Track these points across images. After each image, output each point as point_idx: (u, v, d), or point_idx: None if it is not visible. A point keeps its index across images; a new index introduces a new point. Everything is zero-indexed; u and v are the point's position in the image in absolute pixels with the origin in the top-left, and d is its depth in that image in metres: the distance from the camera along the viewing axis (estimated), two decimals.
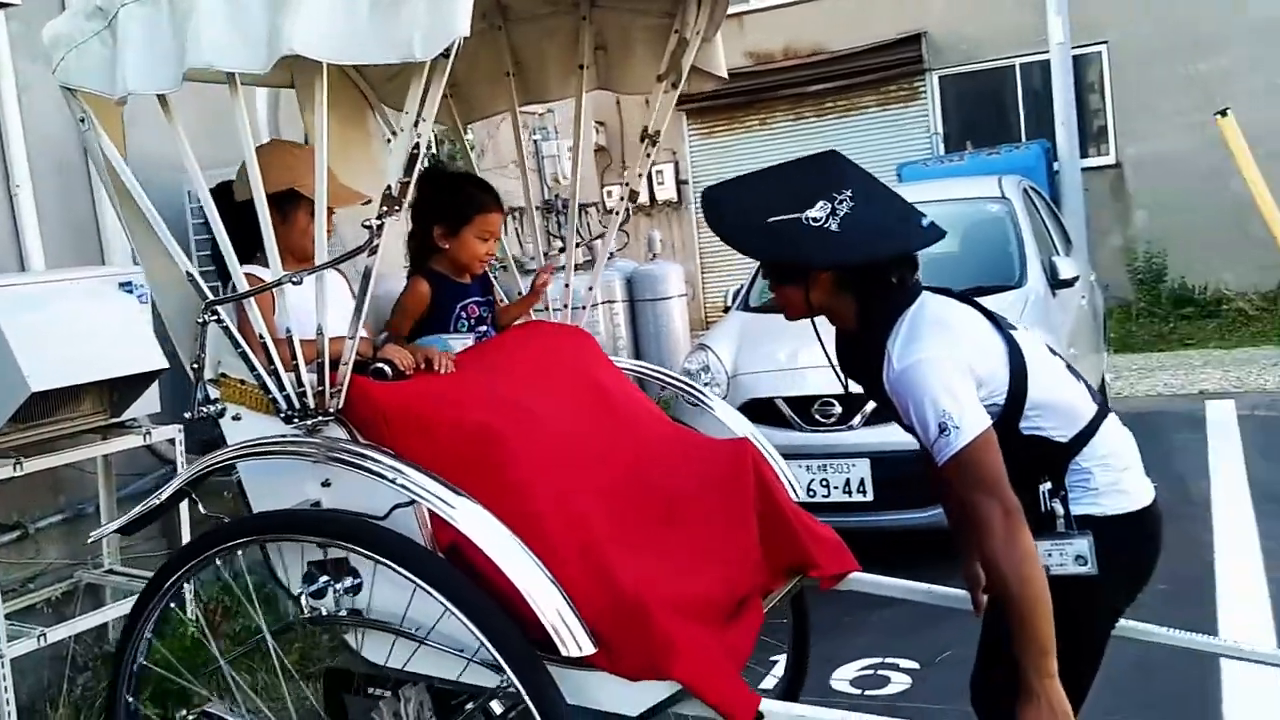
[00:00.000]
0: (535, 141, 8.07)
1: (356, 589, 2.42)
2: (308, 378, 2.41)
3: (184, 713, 2.76)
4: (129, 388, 4.23)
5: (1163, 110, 12.27)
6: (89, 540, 2.97)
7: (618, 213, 3.38)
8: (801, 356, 5.10)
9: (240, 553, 2.74)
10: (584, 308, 3.37)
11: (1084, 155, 11.84)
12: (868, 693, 3.82)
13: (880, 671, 3.97)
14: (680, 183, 14.21)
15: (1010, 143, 12.48)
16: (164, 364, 4.20)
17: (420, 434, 2.41)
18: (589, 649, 2.19)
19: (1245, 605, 4.22)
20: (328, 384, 2.39)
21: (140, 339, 4.19)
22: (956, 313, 2.29)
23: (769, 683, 3.43)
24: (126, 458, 4.72)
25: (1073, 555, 2.19)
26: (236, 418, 2.58)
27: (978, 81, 13.38)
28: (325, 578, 2.41)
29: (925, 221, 2.32)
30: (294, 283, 2.39)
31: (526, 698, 2.18)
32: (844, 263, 2.26)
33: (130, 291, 4.29)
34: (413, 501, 2.31)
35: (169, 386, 4.56)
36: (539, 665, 2.21)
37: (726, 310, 7.00)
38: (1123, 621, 2.38)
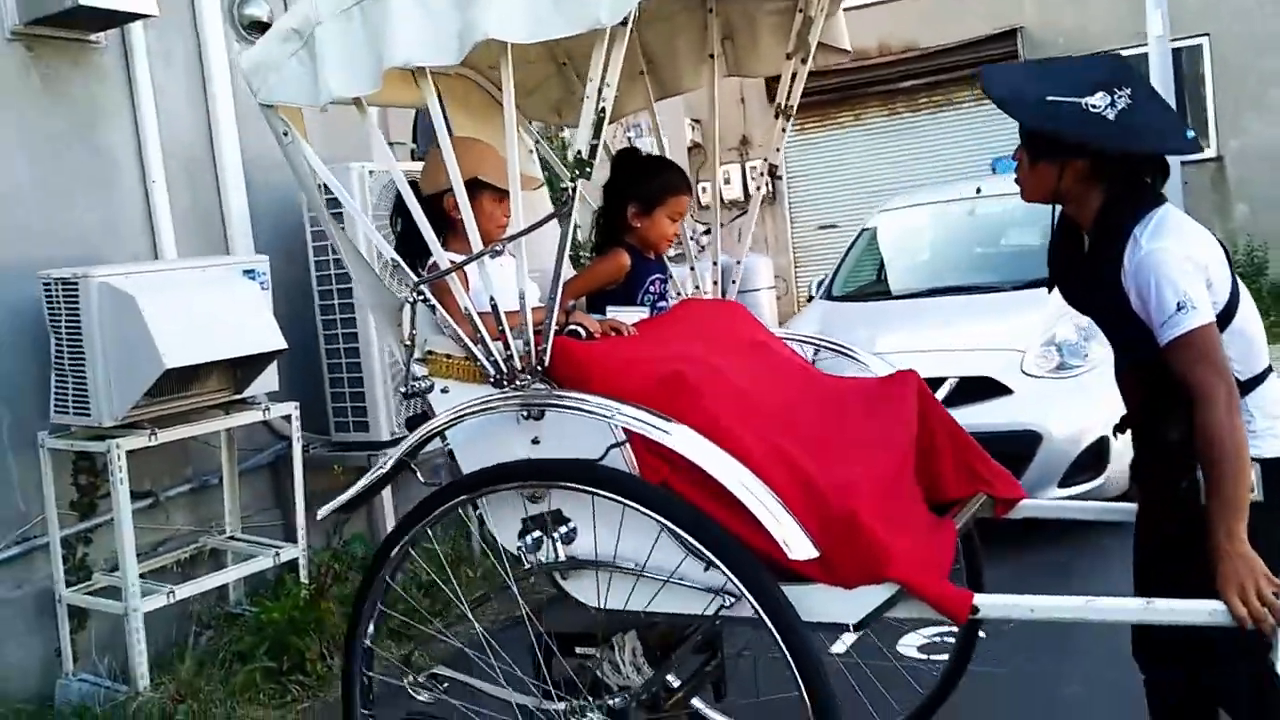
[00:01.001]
0: (629, 139, 8.35)
1: (572, 536, 2.58)
2: (515, 343, 2.62)
3: (412, 677, 2.91)
4: (251, 367, 4.59)
5: (1266, 103, 12.05)
6: (319, 517, 3.19)
7: (760, 187, 3.53)
8: (879, 342, 5.27)
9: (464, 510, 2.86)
10: (734, 282, 3.55)
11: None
12: (932, 656, 4.01)
13: (945, 639, 4.14)
14: (775, 178, 14.37)
15: None
16: (283, 345, 4.55)
17: (620, 384, 2.56)
18: (812, 553, 2.32)
19: None
20: (533, 345, 2.59)
21: (262, 322, 4.54)
22: (1198, 226, 2.46)
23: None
24: (245, 434, 5.12)
25: None
26: (445, 390, 2.78)
27: None
28: (539, 532, 2.58)
29: (1190, 134, 2.47)
30: (496, 253, 2.66)
31: (761, 611, 2.31)
32: (1113, 148, 2.39)
33: (253, 278, 4.66)
34: (625, 441, 2.48)
35: (287, 366, 4.94)
36: (770, 579, 2.34)
37: (810, 300, 7.20)
38: None
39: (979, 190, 7.17)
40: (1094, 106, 2.34)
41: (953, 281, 6.45)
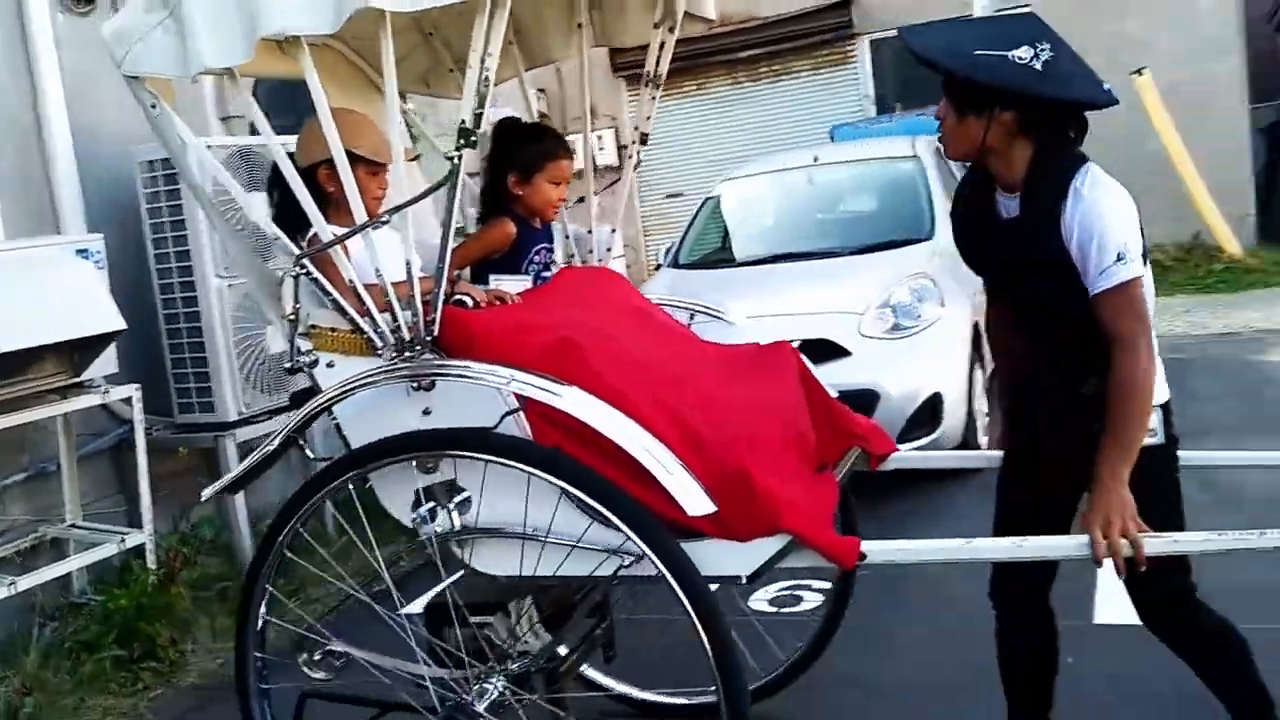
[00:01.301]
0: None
1: (466, 505, 2.58)
2: (403, 314, 2.63)
3: (305, 655, 2.84)
4: (88, 349, 4.46)
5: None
6: (203, 498, 3.09)
7: (631, 156, 3.56)
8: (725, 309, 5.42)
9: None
10: (610, 250, 3.59)
11: None
12: (784, 610, 4.19)
13: (795, 592, 4.34)
14: (620, 147, 14.46)
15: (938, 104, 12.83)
16: (121, 325, 4.43)
17: (510, 351, 2.58)
18: (709, 508, 2.37)
19: None
20: (422, 316, 2.60)
21: (98, 302, 4.41)
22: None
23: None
24: (85, 418, 4.96)
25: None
26: (330, 365, 2.75)
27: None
28: (432, 502, 2.57)
29: (1107, 86, 2.49)
30: (381, 224, 2.64)
31: (662, 566, 2.36)
32: (1048, 95, 2.41)
33: (87, 258, 4.51)
34: (518, 409, 2.50)
35: (126, 347, 4.80)
36: (669, 535, 2.40)
37: (658, 268, 7.34)
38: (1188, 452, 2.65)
39: (816, 159, 7.41)
40: (1020, 59, 2.39)
41: (794, 248, 6.67)
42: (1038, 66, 2.37)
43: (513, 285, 2.98)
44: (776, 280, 6.18)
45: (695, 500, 2.37)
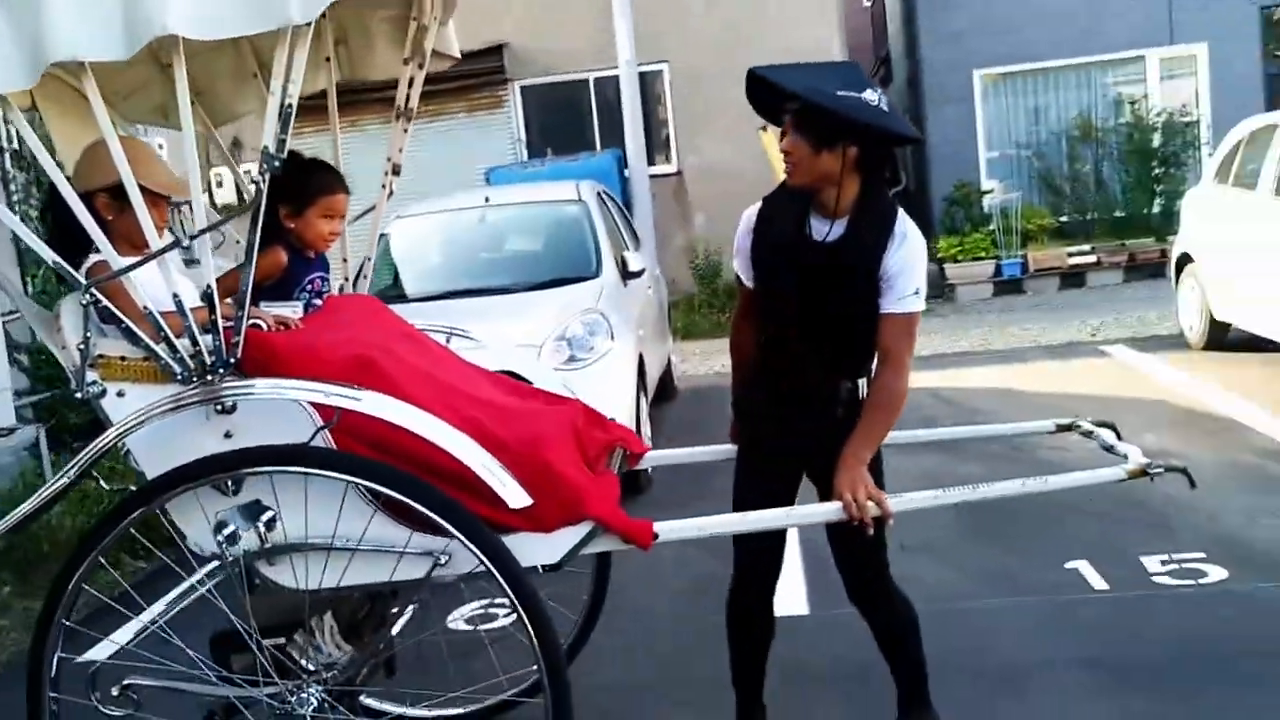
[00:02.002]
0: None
1: (272, 524, 2.59)
2: (203, 339, 2.57)
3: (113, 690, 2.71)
4: None
5: (716, 125, 13.80)
6: None
7: (385, 186, 3.61)
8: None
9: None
10: (365, 278, 3.66)
11: (651, 163, 13.10)
12: (479, 627, 4.40)
13: (488, 611, 4.55)
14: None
15: (587, 150, 13.56)
16: None
17: (314, 368, 2.63)
18: (527, 500, 2.50)
19: None
20: (224, 340, 2.58)
21: None
22: None
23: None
24: None
25: None
26: (120, 394, 2.66)
27: (556, 92, 14.38)
28: (234, 525, 2.56)
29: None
30: (184, 247, 2.57)
31: (486, 560, 2.47)
32: (899, 134, 2.80)
33: None
34: (329, 424, 2.52)
35: None
36: (489, 530, 2.49)
37: None
38: None
39: (488, 199, 7.71)
40: (871, 100, 2.72)
41: (468, 284, 6.90)
42: (884, 108, 2.76)
43: (283, 311, 2.99)
44: (457, 315, 6.34)
45: (514, 493, 2.52)
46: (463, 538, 2.51)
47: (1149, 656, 3.79)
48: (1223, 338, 8.58)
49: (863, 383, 2.95)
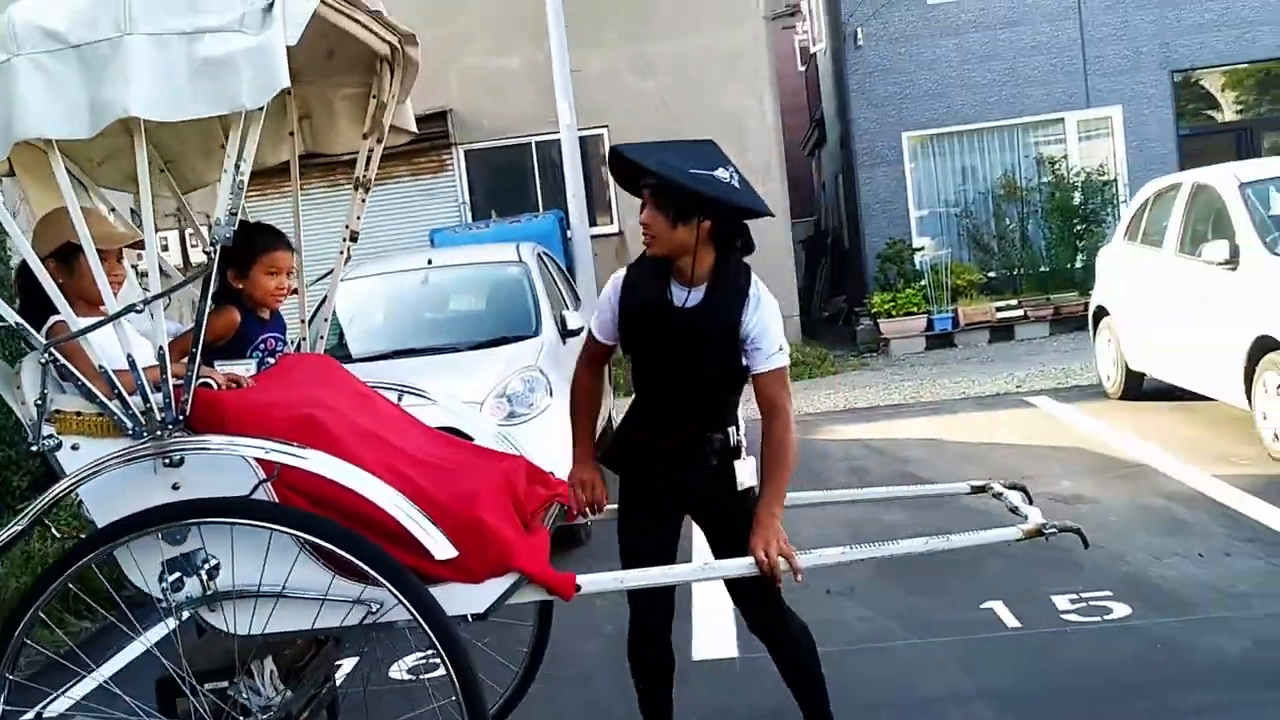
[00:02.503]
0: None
1: (215, 571, 2.76)
2: (154, 396, 2.75)
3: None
4: None
5: None
6: None
7: (343, 252, 3.78)
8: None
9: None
10: (321, 338, 3.89)
11: (593, 223, 13.41)
12: (422, 676, 4.54)
13: (429, 661, 4.70)
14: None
15: (530, 211, 13.84)
16: None
17: (261, 426, 2.81)
18: (453, 553, 2.69)
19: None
20: (174, 397, 2.77)
21: None
22: None
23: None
24: None
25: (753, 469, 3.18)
26: (75, 447, 2.84)
27: (500, 156, 14.68)
28: (179, 573, 2.73)
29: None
30: (138, 310, 2.75)
31: (411, 608, 2.65)
32: (748, 209, 3.01)
33: None
34: (271, 478, 2.70)
35: None
36: (417, 580, 2.69)
37: None
38: None
39: (430, 261, 7.92)
40: (723, 178, 2.98)
41: (411, 344, 7.10)
42: (736, 184, 3.01)
43: (237, 370, 3.16)
44: (401, 374, 6.51)
45: (440, 545, 2.72)
46: (389, 585, 2.70)
47: (1056, 688, 4.03)
48: (1138, 387, 8.98)
49: (732, 430, 3.17)
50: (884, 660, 4.44)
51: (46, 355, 2.80)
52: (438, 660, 2.78)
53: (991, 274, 14.79)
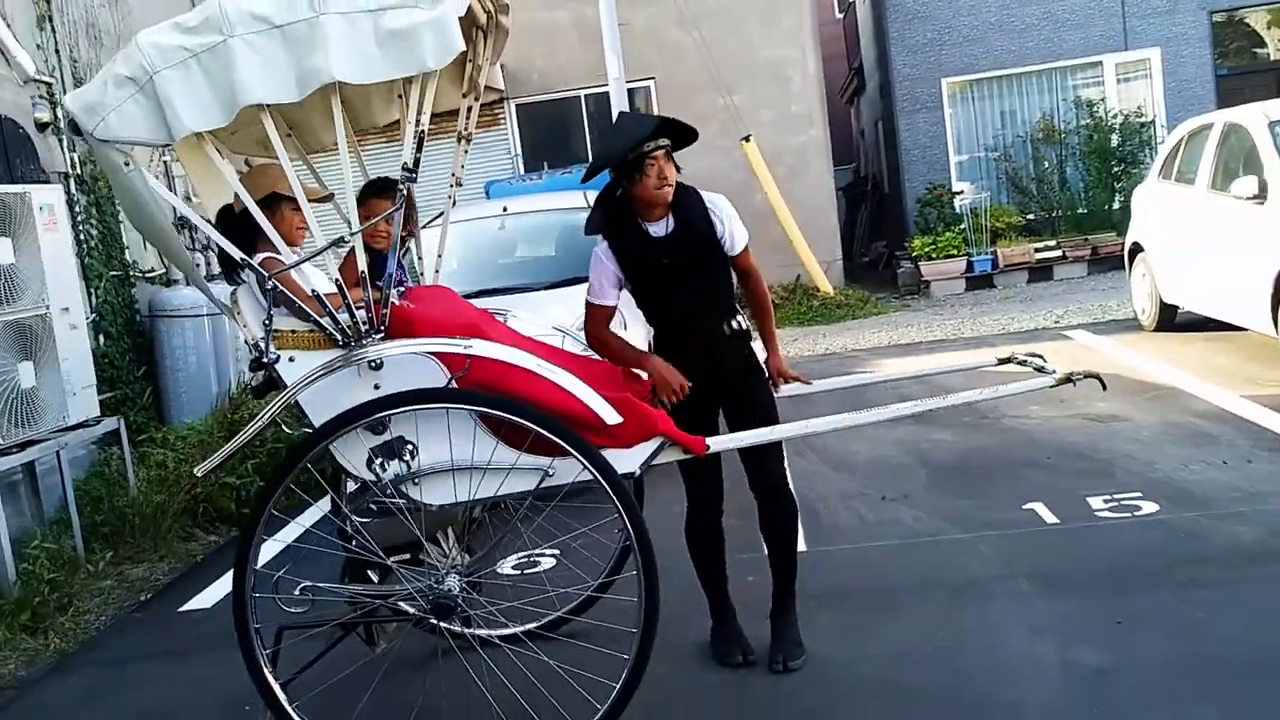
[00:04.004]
0: (165, 163, 8.64)
1: (415, 453, 3.32)
2: (359, 313, 3.35)
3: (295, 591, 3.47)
4: None
5: (701, 135, 14.57)
6: (198, 473, 3.64)
7: (450, 198, 4.40)
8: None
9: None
10: (437, 272, 4.38)
11: None
12: (526, 571, 5.16)
13: (533, 558, 5.31)
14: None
15: (581, 163, 14.31)
16: None
17: (439, 332, 3.39)
18: (619, 419, 3.25)
19: None
20: (374, 312, 3.36)
21: None
22: None
23: None
24: None
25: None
26: (291, 359, 3.41)
27: (550, 109, 15.16)
28: (384, 456, 3.30)
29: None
30: (344, 244, 3.41)
31: (593, 469, 3.20)
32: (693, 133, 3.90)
33: None
34: (465, 372, 3.26)
35: None
36: (591, 445, 3.23)
37: None
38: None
39: (505, 209, 8.47)
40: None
41: (491, 285, 7.67)
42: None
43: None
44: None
45: (608, 412, 3.28)
46: (573, 450, 3.24)
47: (1089, 569, 4.58)
48: (1172, 319, 9.43)
49: (740, 317, 3.90)
50: (935, 552, 5.00)
51: (271, 283, 3.37)
52: (539, 559, 3.35)
53: (1030, 216, 15.13)
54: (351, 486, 3.57)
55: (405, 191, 3.37)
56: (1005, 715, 3.51)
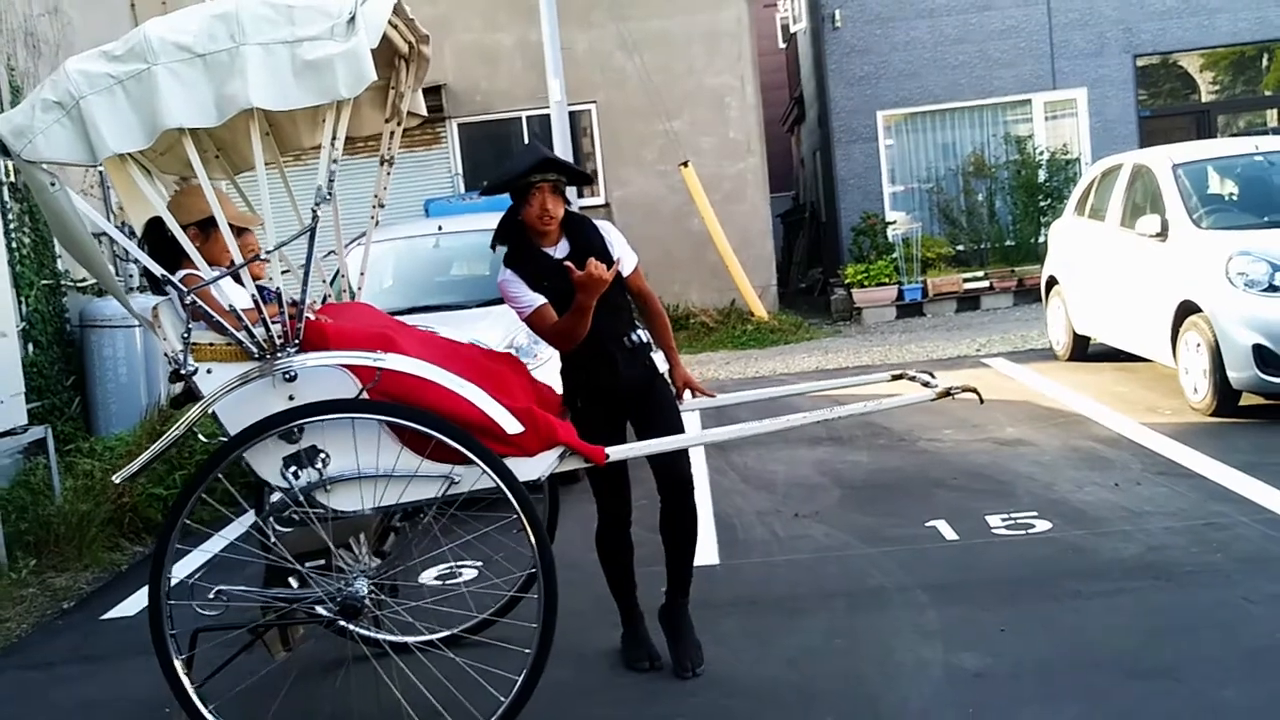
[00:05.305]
0: (100, 172, 8.71)
1: (327, 461, 3.47)
2: (274, 327, 3.49)
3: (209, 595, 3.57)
4: None
5: (640, 160, 14.89)
6: (116, 480, 3.72)
7: (373, 218, 4.54)
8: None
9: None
10: (360, 290, 4.58)
11: (580, 195, 14.12)
12: (447, 581, 5.31)
13: (455, 568, 5.47)
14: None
15: None
16: None
17: (351, 345, 3.54)
18: (520, 428, 3.44)
19: None
20: (289, 326, 3.51)
21: None
22: None
23: None
24: None
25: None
26: (209, 371, 3.55)
27: (491, 129, 15.34)
28: (295, 465, 3.45)
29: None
30: (266, 256, 3.60)
31: (494, 474, 3.37)
32: (584, 174, 4.30)
33: None
34: (373, 384, 3.41)
35: None
36: (493, 453, 3.40)
37: None
38: None
39: (440, 228, 8.64)
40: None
41: (423, 302, 7.82)
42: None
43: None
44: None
45: (509, 422, 3.46)
46: (485, 465, 3.42)
47: (980, 581, 4.83)
48: (1084, 350, 9.82)
49: (640, 331, 4.15)
50: (841, 564, 5.23)
51: (190, 298, 3.52)
52: (461, 570, 3.50)
53: (960, 247, 15.58)
54: (276, 497, 3.70)
55: (316, 214, 3.53)
56: (888, 712, 3.73)
